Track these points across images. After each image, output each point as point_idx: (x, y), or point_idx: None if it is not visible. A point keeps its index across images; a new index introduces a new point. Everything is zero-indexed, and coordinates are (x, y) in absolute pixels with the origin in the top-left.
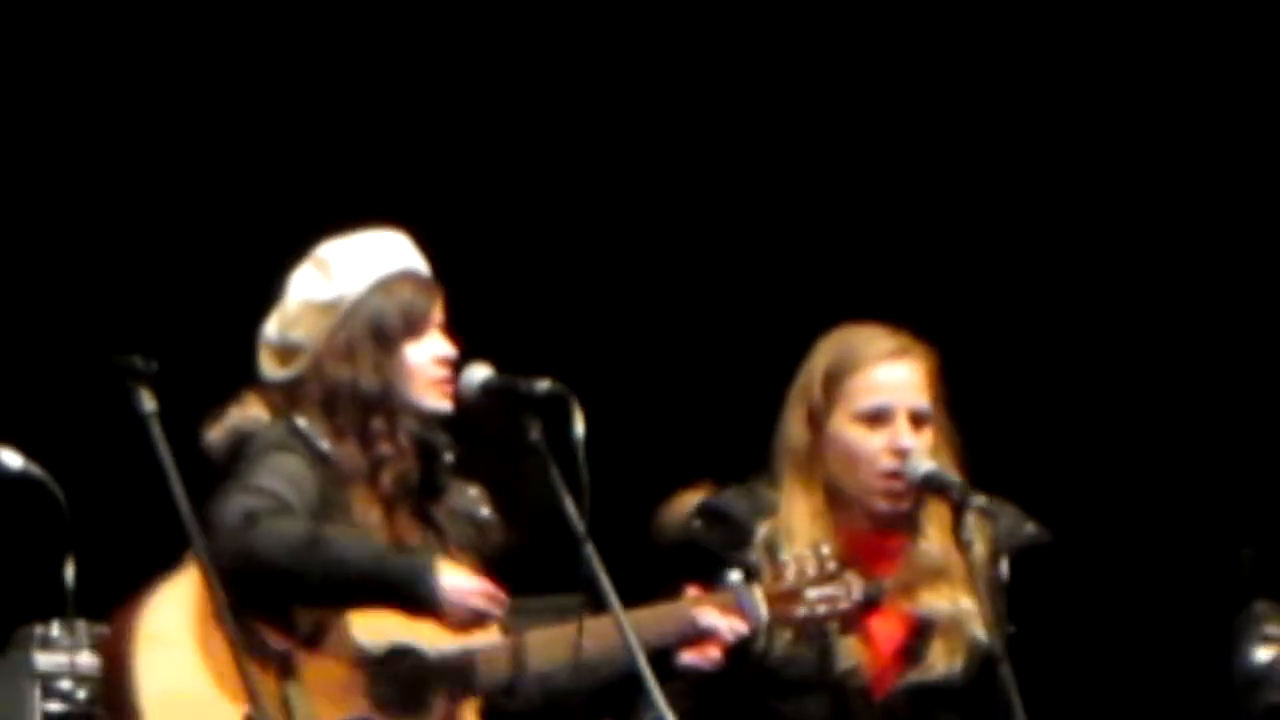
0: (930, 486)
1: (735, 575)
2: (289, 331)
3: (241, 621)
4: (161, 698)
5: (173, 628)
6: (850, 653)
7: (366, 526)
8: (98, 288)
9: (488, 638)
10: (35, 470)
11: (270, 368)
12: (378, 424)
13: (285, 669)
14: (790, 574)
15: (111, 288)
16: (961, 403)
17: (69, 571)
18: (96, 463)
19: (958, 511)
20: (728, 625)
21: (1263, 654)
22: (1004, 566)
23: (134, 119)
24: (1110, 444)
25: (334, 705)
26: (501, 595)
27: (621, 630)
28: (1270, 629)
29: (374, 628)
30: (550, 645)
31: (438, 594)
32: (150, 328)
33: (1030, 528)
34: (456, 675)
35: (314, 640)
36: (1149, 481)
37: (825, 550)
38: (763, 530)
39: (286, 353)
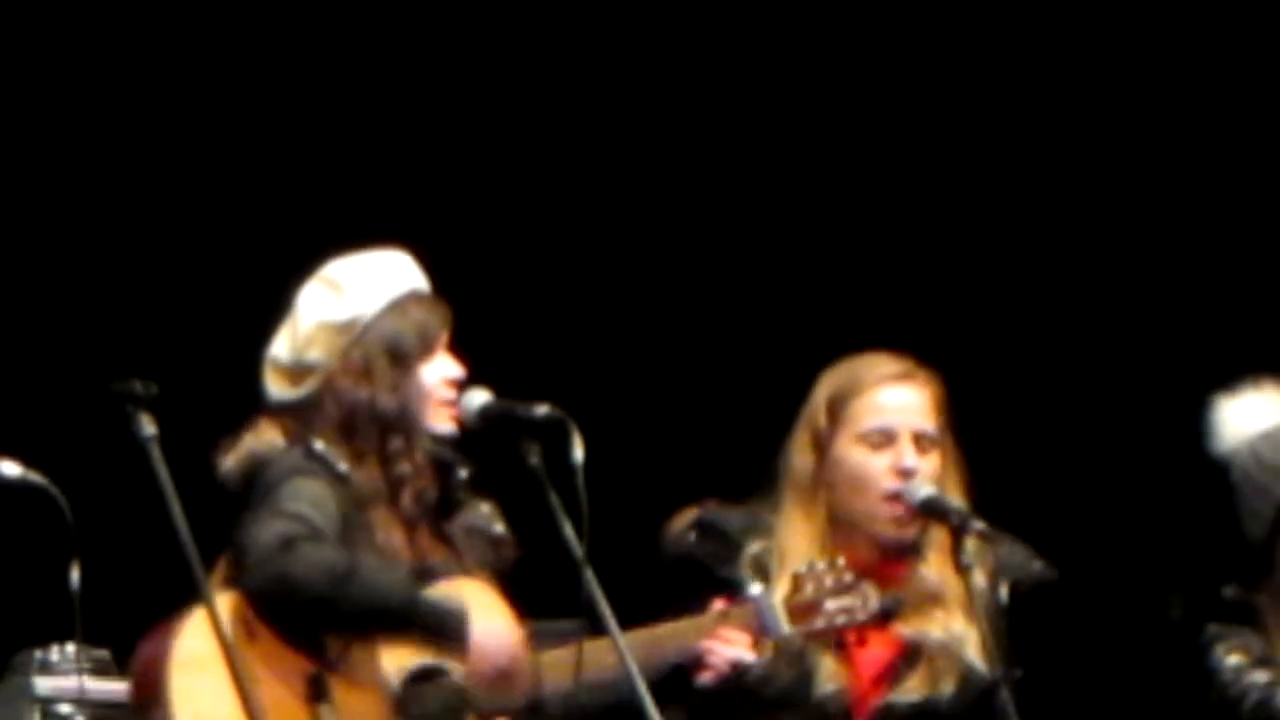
0: (929, 510)
1: (756, 589)
2: (304, 352)
3: (269, 644)
4: None
5: (204, 653)
6: (832, 676)
7: (389, 548)
8: (97, 312)
9: None
10: (35, 478)
11: (279, 388)
12: (396, 443)
13: (317, 691)
14: (809, 586)
15: (111, 312)
16: (967, 433)
17: (74, 577)
18: (99, 487)
19: (957, 536)
20: (726, 658)
21: (1233, 660)
22: (1003, 592)
23: (136, 143)
24: (1111, 470)
25: None
26: (525, 658)
27: (620, 655)
28: (1235, 639)
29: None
30: (560, 666)
31: (467, 640)
32: (150, 352)
33: (1038, 565)
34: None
35: (342, 662)
36: (1147, 510)
37: (840, 562)
38: (753, 549)
39: (298, 373)
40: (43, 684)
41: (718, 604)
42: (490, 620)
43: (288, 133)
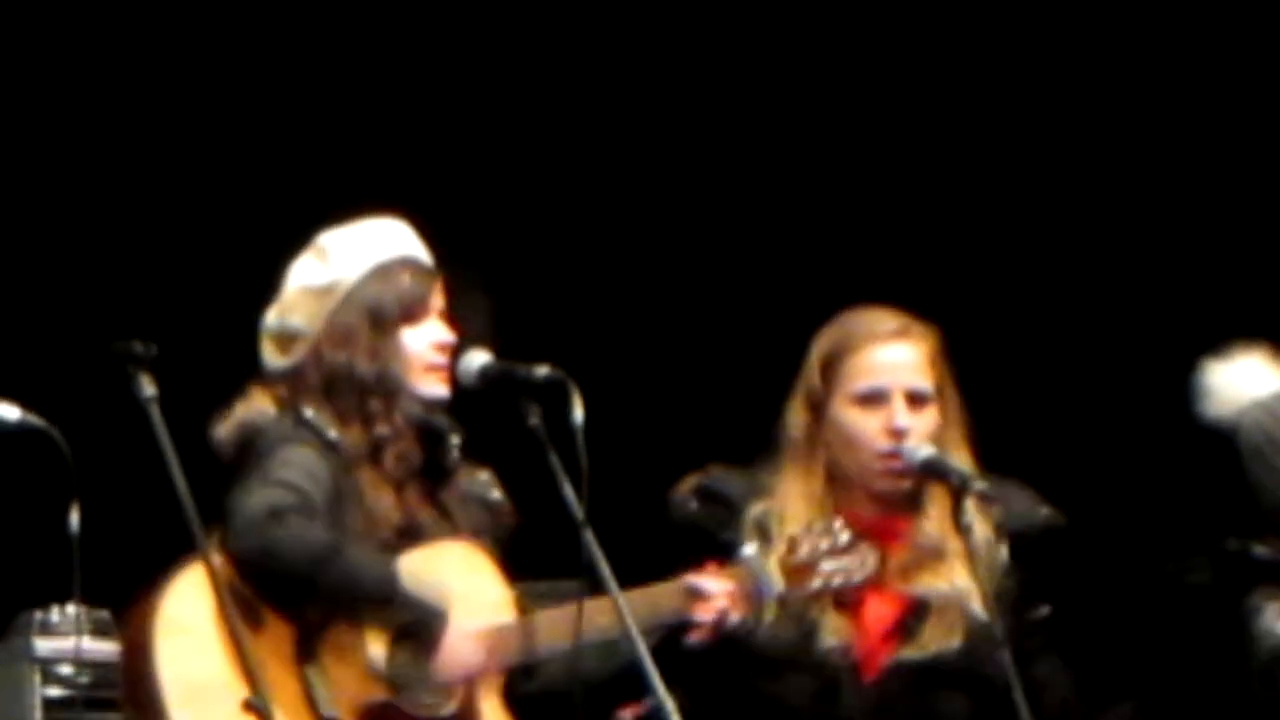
0: (929, 472)
1: (749, 549)
2: (287, 318)
3: (257, 607)
4: (180, 683)
5: (190, 614)
6: (836, 632)
7: (378, 509)
8: (98, 272)
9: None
10: (34, 420)
11: (272, 356)
12: (375, 406)
13: (305, 652)
14: (804, 548)
15: (112, 272)
16: (969, 385)
17: (74, 520)
18: (100, 449)
19: (957, 497)
20: (713, 611)
21: None
22: (1003, 551)
23: (138, 103)
24: (1117, 424)
25: (355, 687)
26: (496, 662)
27: (620, 616)
28: None
29: None
30: (558, 626)
31: (440, 639)
32: (150, 312)
33: (1044, 512)
34: None
35: (327, 625)
36: (1153, 462)
37: (838, 524)
38: (754, 511)
39: (286, 340)
40: (43, 645)
41: (711, 568)
42: (464, 625)
43: (289, 95)
